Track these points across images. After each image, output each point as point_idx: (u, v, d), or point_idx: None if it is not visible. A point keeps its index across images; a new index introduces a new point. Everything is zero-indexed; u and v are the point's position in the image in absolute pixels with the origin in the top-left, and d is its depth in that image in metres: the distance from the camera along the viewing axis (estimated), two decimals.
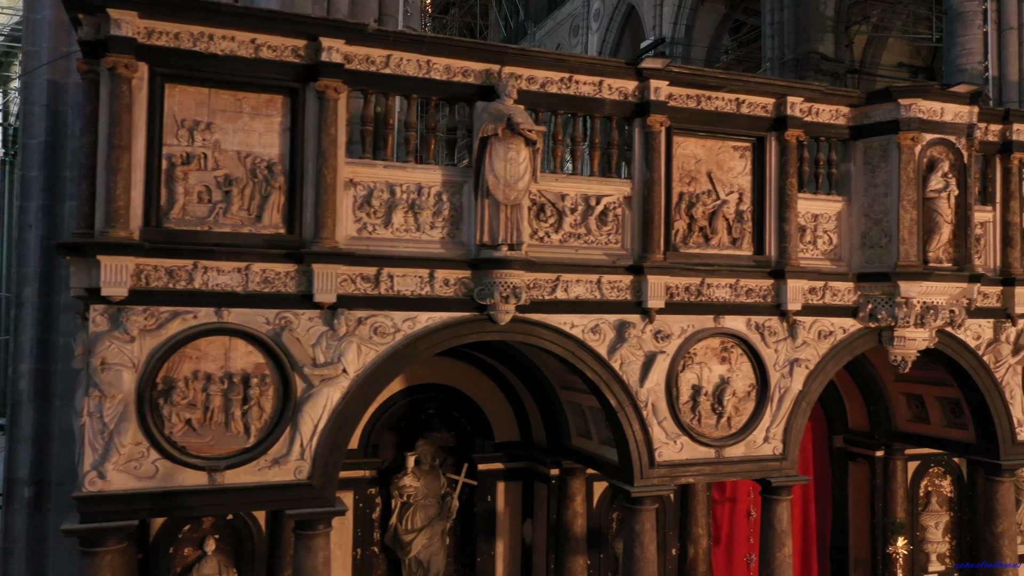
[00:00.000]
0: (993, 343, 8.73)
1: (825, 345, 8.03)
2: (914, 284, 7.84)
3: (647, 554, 7.30)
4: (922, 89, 7.93)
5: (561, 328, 7.05)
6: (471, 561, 9.10)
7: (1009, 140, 8.73)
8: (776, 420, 7.79)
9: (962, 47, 13.07)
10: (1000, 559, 8.77)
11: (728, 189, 7.76)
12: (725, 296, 7.62)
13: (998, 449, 8.76)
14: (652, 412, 7.34)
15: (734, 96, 7.66)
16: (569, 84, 7.11)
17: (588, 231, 7.24)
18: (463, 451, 9.14)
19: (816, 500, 10.77)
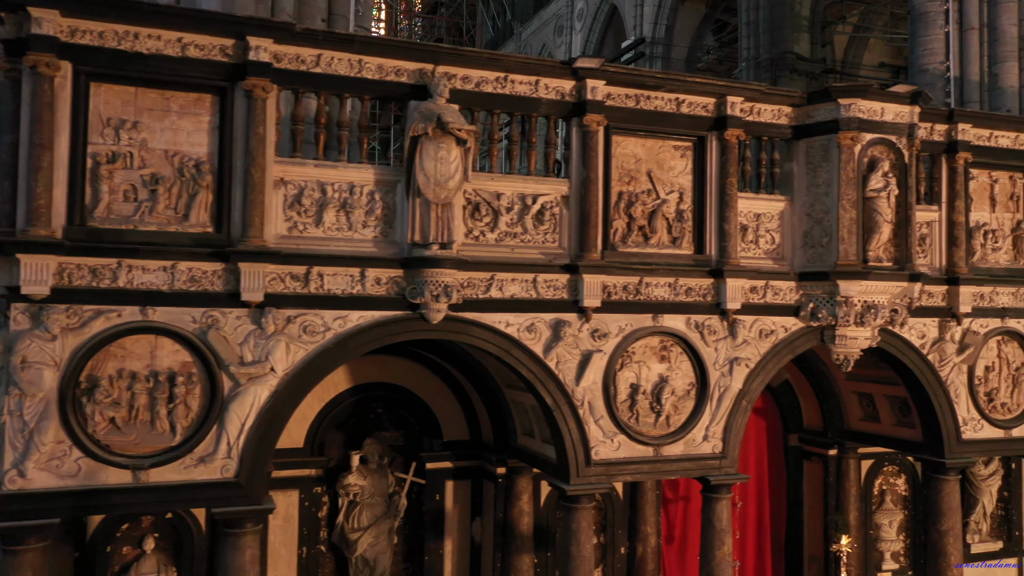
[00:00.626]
0: (938, 342, 8.77)
1: (766, 344, 8.06)
2: (853, 283, 7.88)
3: (583, 552, 7.33)
4: (861, 89, 7.96)
5: (495, 327, 7.07)
6: (420, 559, 9.12)
7: (954, 140, 8.76)
8: (716, 418, 7.82)
9: (924, 47, 13.12)
10: (944, 557, 8.81)
11: (668, 188, 7.79)
12: (664, 295, 7.64)
13: (943, 447, 8.80)
14: (589, 411, 7.36)
15: (674, 96, 7.69)
16: (504, 83, 7.13)
17: (525, 230, 7.25)
18: (412, 450, 9.16)
19: (771, 498, 10.81)
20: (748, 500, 10.67)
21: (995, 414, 9.08)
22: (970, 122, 8.84)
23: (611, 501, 9.57)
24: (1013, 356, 9.23)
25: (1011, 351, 9.22)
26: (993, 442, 9.07)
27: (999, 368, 9.16)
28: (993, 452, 9.49)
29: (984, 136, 9.01)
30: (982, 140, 8.99)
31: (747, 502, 10.66)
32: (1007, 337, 9.18)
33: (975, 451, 9.01)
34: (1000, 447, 9.21)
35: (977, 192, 9.15)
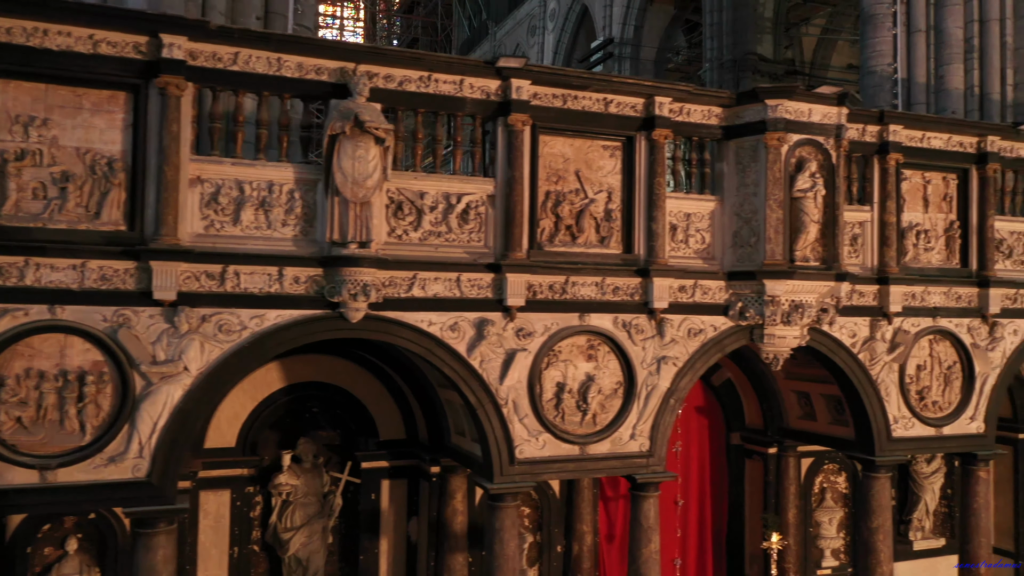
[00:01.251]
0: (869, 341, 8.85)
1: (695, 343, 8.11)
2: (780, 283, 7.94)
3: (507, 551, 7.35)
4: (788, 90, 8.02)
5: (418, 326, 7.08)
6: (355, 559, 9.11)
7: (886, 141, 8.84)
8: (643, 417, 7.86)
9: (873, 49, 13.24)
10: (875, 554, 8.90)
11: (597, 188, 7.82)
12: (591, 294, 7.67)
13: (873, 445, 8.89)
14: (513, 409, 7.38)
15: (602, 96, 7.71)
16: (428, 83, 7.13)
17: (449, 229, 7.26)
18: (348, 449, 9.16)
19: (713, 496, 10.88)
20: (690, 498, 10.74)
21: (926, 412, 9.18)
22: (901, 123, 8.93)
23: (547, 499, 9.61)
24: (945, 355, 9.33)
25: (943, 350, 9.32)
26: (924, 440, 9.17)
27: (931, 367, 9.26)
28: (924, 450, 9.61)
29: (916, 137, 9.10)
30: (914, 141, 9.09)
31: (689, 500, 10.73)
32: (939, 336, 9.28)
33: (906, 449, 9.11)
34: (931, 445, 9.32)
35: (910, 193, 9.25)
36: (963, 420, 9.35)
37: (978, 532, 9.44)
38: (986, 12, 12.52)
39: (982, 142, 9.36)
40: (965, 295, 9.34)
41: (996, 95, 12.45)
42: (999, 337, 9.50)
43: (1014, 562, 12.05)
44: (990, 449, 9.47)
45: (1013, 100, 12.48)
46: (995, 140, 9.39)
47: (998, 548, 12.41)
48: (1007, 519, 12.27)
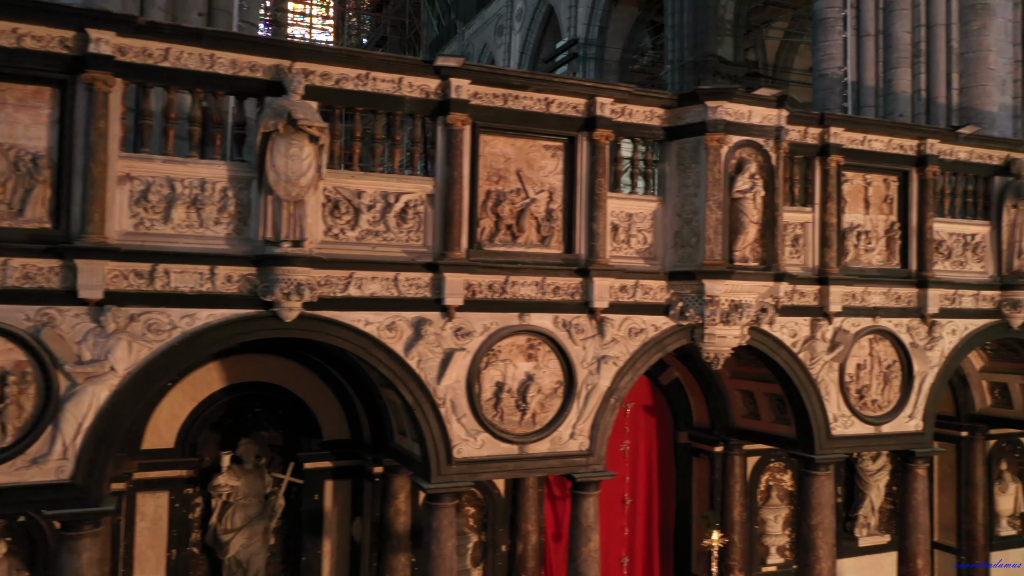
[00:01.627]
0: (809, 340, 8.97)
1: (636, 342, 8.16)
2: (719, 283, 8.01)
3: (444, 551, 7.33)
4: (728, 92, 8.09)
5: (354, 325, 7.04)
6: (298, 560, 9.04)
7: (827, 143, 8.96)
8: (583, 416, 7.88)
9: (824, 52, 13.42)
10: (814, 551, 9.02)
11: (538, 188, 7.83)
12: (531, 294, 7.68)
13: (814, 444, 9.01)
14: (451, 409, 7.37)
15: (543, 96, 7.72)
16: (366, 81, 7.09)
17: (388, 228, 7.22)
18: (292, 449, 9.08)
19: (661, 495, 10.96)
20: (638, 497, 10.81)
21: (866, 411, 9.32)
22: (842, 126, 9.05)
23: (492, 499, 9.62)
24: (885, 354, 9.48)
25: (883, 349, 9.47)
26: (863, 438, 9.31)
27: (871, 366, 9.40)
28: (863, 448, 9.75)
29: (858, 140, 9.23)
30: (855, 144, 9.22)
31: (637, 499, 10.80)
32: (879, 336, 9.43)
33: (845, 447, 9.25)
34: (870, 443, 9.46)
35: (852, 194, 9.38)
36: (902, 418, 9.50)
37: (916, 528, 9.60)
38: (933, 17, 12.74)
39: (922, 145, 9.52)
40: (905, 295, 9.50)
41: (942, 99, 12.68)
42: (937, 337, 9.67)
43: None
44: (928, 447, 9.64)
45: (959, 104, 12.71)
46: (934, 143, 9.56)
47: (941, 543, 12.69)
48: (950, 515, 12.53)
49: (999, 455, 12.70)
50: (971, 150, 9.99)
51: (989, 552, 12.43)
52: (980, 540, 12.15)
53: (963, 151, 9.95)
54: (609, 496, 10.62)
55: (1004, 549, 12.63)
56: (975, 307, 9.97)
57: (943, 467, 12.65)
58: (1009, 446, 12.75)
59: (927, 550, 9.69)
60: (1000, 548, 12.59)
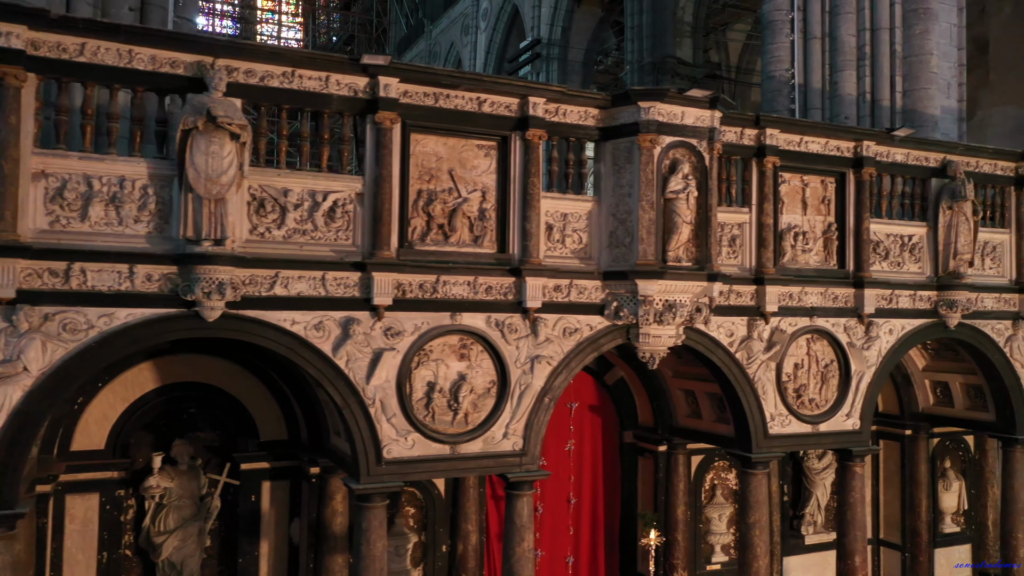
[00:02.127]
0: (746, 340, 9.03)
1: (571, 342, 8.16)
2: (651, 283, 8.04)
3: (373, 551, 7.29)
4: (660, 92, 8.12)
5: (280, 325, 6.97)
6: (235, 562, 8.94)
7: (763, 144, 9.03)
8: (516, 416, 7.87)
9: (771, 55, 13.54)
10: (751, 549, 9.09)
11: (471, 187, 7.81)
12: (463, 293, 7.66)
13: (751, 442, 9.07)
14: (381, 409, 7.33)
15: (475, 95, 7.71)
16: (292, 78, 7.03)
17: (315, 227, 7.17)
18: (229, 450, 8.98)
19: (607, 494, 10.98)
20: (583, 497, 10.83)
21: (803, 410, 9.41)
22: (778, 127, 9.13)
23: (432, 499, 9.59)
24: (823, 354, 9.57)
25: (820, 349, 9.56)
26: (801, 436, 9.40)
27: (808, 365, 9.49)
28: (800, 446, 9.84)
29: (794, 141, 9.32)
30: (792, 145, 9.30)
31: (583, 498, 10.82)
32: (817, 335, 9.52)
33: (782, 446, 9.32)
34: (808, 441, 9.54)
35: (789, 195, 9.46)
36: (839, 417, 9.60)
37: (854, 526, 9.70)
38: (877, 21, 12.91)
39: (858, 147, 9.63)
40: (842, 295, 9.60)
41: (886, 101, 12.85)
42: (874, 336, 9.78)
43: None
44: (865, 445, 9.75)
45: (902, 106, 12.89)
46: (871, 145, 9.67)
47: (887, 541, 12.85)
48: (895, 512, 12.69)
49: (943, 453, 12.87)
50: (907, 152, 10.12)
51: (933, 549, 12.60)
52: (924, 537, 12.30)
53: (899, 153, 10.08)
54: (554, 496, 10.66)
55: (948, 546, 12.81)
56: (912, 307, 10.09)
57: (888, 465, 12.82)
58: (953, 444, 12.93)
59: (864, 547, 9.78)
60: (944, 545, 12.76)
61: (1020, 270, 10.88)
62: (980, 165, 10.67)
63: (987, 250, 10.76)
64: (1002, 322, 10.77)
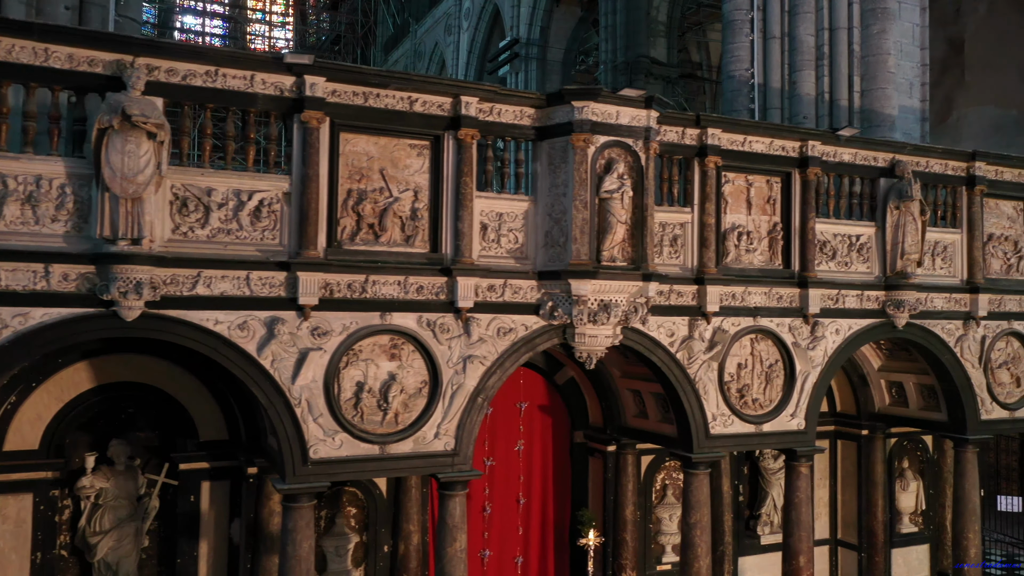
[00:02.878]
0: (687, 340, 9.02)
1: (505, 342, 8.14)
2: (584, 282, 8.02)
3: (299, 552, 7.27)
4: (593, 92, 8.10)
5: (203, 325, 6.95)
6: (175, 562, 8.92)
7: (705, 144, 9.02)
8: (448, 416, 7.85)
9: (732, 54, 13.53)
10: (693, 548, 9.07)
11: (403, 187, 7.79)
12: (393, 293, 7.64)
13: (692, 442, 9.06)
14: (307, 409, 7.30)
15: (406, 94, 7.69)
16: (215, 77, 7.00)
17: (241, 227, 7.14)
18: (169, 450, 8.96)
19: (557, 494, 10.96)
20: (533, 497, 10.81)
21: (747, 410, 9.40)
22: (719, 127, 9.11)
23: (374, 499, 9.56)
24: (767, 354, 9.56)
25: (765, 349, 9.55)
26: (743, 436, 9.38)
27: (752, 365, 9.48)
28: (743, 446, 9.82)
29: (738, 141, 9.30)
30: (736, 145, 9.29)
31: (532, 498, 10.80)
32: (761, 335, 9.51)
33: (724, 446, 9.31)
34: (751, 441, 9.53)
35: (734, 195, 9.44)
36: (784, 417, 9.59)
37: (799, 526, 9.69)
38: (835, 21, 12.90)
39: (804, 146, 9.61)
40: (787, 295, 9.58)
41: (844, 101, 12.84)
42: (820, 336, 9.77)
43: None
44: (810, 446, 9.73)
45: (860, 106, 12.88)
46: (816, 144, 9.66)
47: (844, 541, 12.85)
48: (852, 513, 12.69)
49: (901, 453, 12.87)
50: (855, 152, 10.12)
51: (890, 550, 12.60)
52: (880, 537, 12.30)
53: (847, 153, 10.07)
54: (503, 496, 10.64)
55: (906, 546, 12.81)
56: (859, 307, 10.09)
57: (845, 465, 12.82)
58: (911, 444, 12.93)
59: (810, 548, 9.76)
60: (901, 545, 12.77)
61: (971, 270, 10.88)
62: (930, 165, 10.66)
63: (938, 250, 10.76)
64: (952, 322, 10.77)
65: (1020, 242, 11.44)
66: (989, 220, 11.23)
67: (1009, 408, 11.23)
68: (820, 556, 12.83)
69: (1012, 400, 11.28)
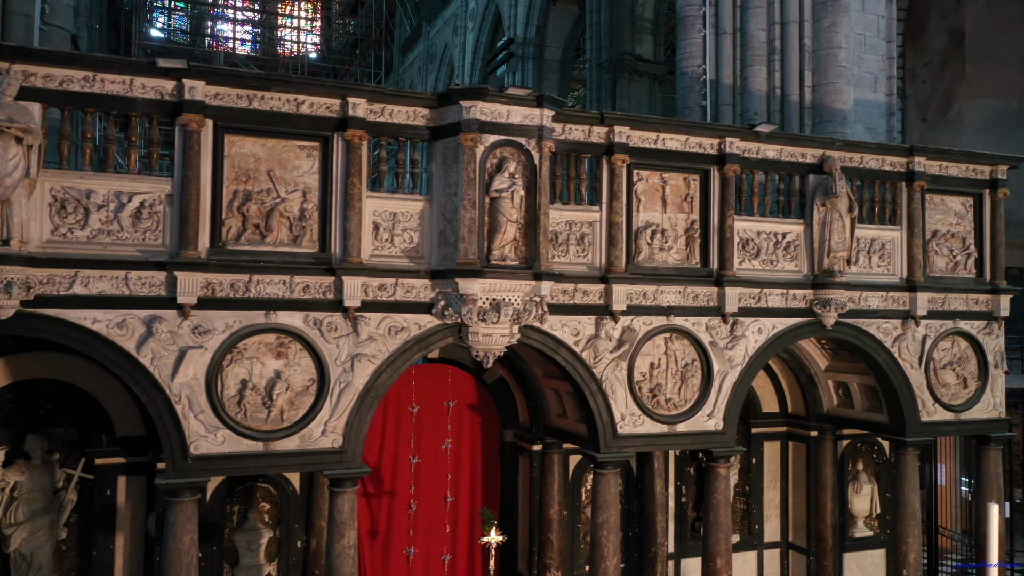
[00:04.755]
0: (593, 339, 8.97)
1: (397, 340, 8.20)
2: (471, 281, 8.04)
3: (179, 546, 7.43)
4: (481, 91, 8.11)
5: (79, 323, 7.15)
6: (92, 554, 9.18)
7: (612, 142, 8.97)
8: (336, 414, 7.95)
9: (685, 51, 13.38)
10: (599, 548, 9.03)
11: (291, 187, 7.90)
12: (278, 292, 7.75)
13: (599, 442, 9.01)
14: (188, 406, 7.45)
15: (292, 96, 7.80)
16: (93, 83, 7.20)
17: (122, 228, 7.32)
18: (86, 446, 9.21)
19: (487, 492, 10.99)
20: (461, 495, 10.85)
21: (659, 409, 9.31)
22: (627, 125, 9.05)
23: (287, 495, 9.71)
24: (683, 353, 9.45)
25: (681, 348, 9.45)
26: (655, 437, 9.30)
27: (666, 365, 9.38)
28: (655, 446, 9.72)
29: (651, 139, 9.23)
30: (648, 143, 9.22)
31: (460, 497, 10.84)
32: (677, 334, 9.41)
33: (634, 446, 9.23)
34: (664, 441, 9.43)
35: (648, 193, 9.37)
36: (700, 417, 9.48)
37: (717, 528, 9.57)
38: (787, 15, 12.68)
39: (722, 144, 9.49)
40: (703, 294, 9.47)
41: (795, 96, 12.62)
42: (740, 336, 9.63)
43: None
44: (728, 446, 9.60)
45: (812, 101, 12.64)
46: (735, 141, 9.52)
47: (795, 544, 12.63)
48: (801, 515, 12.46)
49: (855, 455, 12.60)
50: (780, 148, 9.95)
51: (842, 553, 12.35)
52: (829, 541, 12.05)
53: (771, 150, 9.91)
54: (430, 494, 10.71)
55: (860, 550, 12.54)
56: (785, 306, 9.92)
57: (796, 467, 12.60)
58: (866, 446, 12.65)
59: (728, 549, 9.63)
60: (855, 549, 12.50)
61: (911, 268, 10.61)
62: (865, 161, 10.43)
63: (875, 248, 10.51)
64: (890, 321, 10.52)
65: (968, 239, 11.12)
66: (934, 217, 10.94)
67: (954, 410, 10.92)
68: (771, 559, 12.69)
69: (958, 402, 10.97)
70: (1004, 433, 11.23)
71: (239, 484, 9.57)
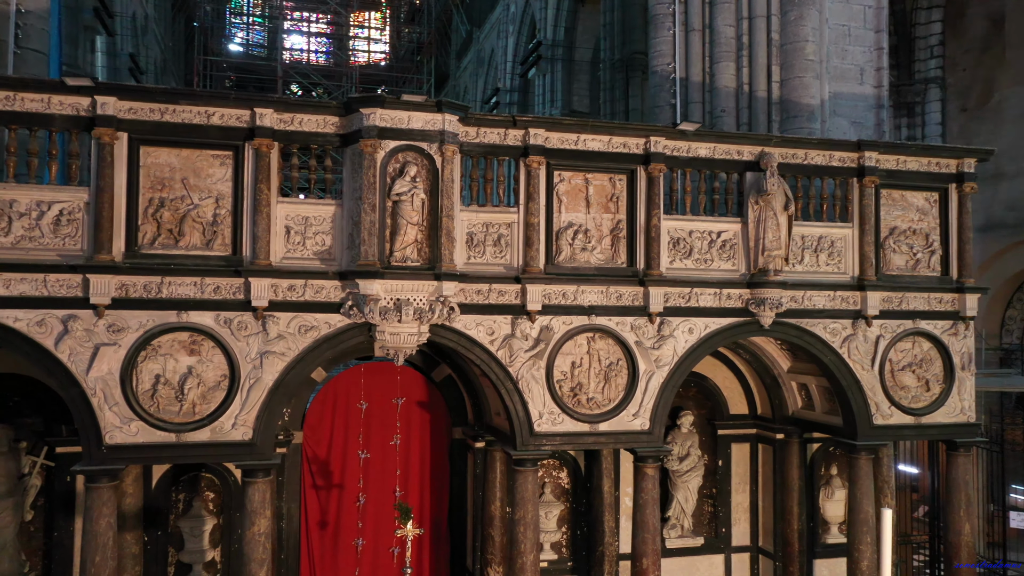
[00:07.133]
0: (508, 338, 9.12)
1: (307, 339, 8.59)
2: (371, 282, 8.35)
3: (96, 528, 8.01)
4: (379, 99, 8.41)
5: (2, 322, 7.84)
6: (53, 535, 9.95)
7: (528, 144, 9.11)
8: (246, 408, 8.39)
9: (655, 49, 13.30)
10: (517, 545, 9.16)
11: (205, 194, 8.40)
12: (189, 293, 8.26)
13: (515, 440, 9.16)
14: (103, 399, 8.04)
15: (203, 108, 8.31)
16: (13, 101, 7.88)
17: (43, 234, 7.98)
18: (49, 436, 10.00)
19: (435, 488, 11.25)
20: (411, 490, 11.15)
21: (581, 408, 9.36)
22: (542, 127, 9.15)
23: (228, 485, 10.22)
24: (607, 352, 9.48)
25: (604, 347, 9.47)
26: (575, 435, 9.35)
27: (588, 364, 9.43)
28: (575, 445, 9.75)
29: (571, 140, 9.31)
30: (568, 144, 9.30)
31: (409, 492, 11.14)
32: (601, 334, 9.45)
33: (552, 444, 9.31)
34: (584, 440, 9.44)
35: (570, 194, 9.45)
36: (624, 417, 9.48)
37: (643, 528, 9.54)
38: (754, 9, 12.44)
39: (647, 143, 9.48)
40: (628, 293, 9.48)
41: (763, 92, 12.37)
42: (668, 335, 9.58)
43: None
44: (654, 446, 9.57)
45: (780, 97, 12.36)
46: (660, 140, 9.50)
47: (764, 549, 12.37)
48: (769, 519, 12.21)
49: (828, 459, 12.26)
50: (713, 146, 9.84)
51: (812, 560, 12.04)
52: (795, 547, 11.79)
53: (703, 147, 9.81)
54: (379, 488, 11.06)
55: (833, 557, 12.14)
56: (718, 305, 9.80)
57: (765, 470, 12.35)
58: (839, 451, 12.25)
59: (655, 550, 9.57)
60: (828, 556, 12.13)
61: (863, 267, 10.29)
62: (810, 157, 10.19)
63: (823, 246, 10.25)
64: (838, 321, 10.23)
65: (932, 236, 10.68)
66: (892, 213, 10.56)
67: (914, 413, 10.50)
68: (740, 564, 12.47)
69: (919, 405, 10.55)
70: (972, 439, 10.71)
71: (184, 473, 10.17)
